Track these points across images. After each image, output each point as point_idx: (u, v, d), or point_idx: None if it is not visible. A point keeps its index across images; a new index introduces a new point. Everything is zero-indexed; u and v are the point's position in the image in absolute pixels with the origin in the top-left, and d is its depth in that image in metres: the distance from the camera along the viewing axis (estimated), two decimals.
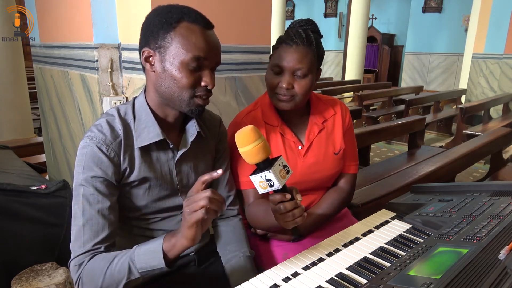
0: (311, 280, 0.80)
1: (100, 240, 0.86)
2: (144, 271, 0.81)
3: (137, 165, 0.91)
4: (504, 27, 6.07)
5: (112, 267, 0.82)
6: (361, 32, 8.10)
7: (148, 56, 0.88)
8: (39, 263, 1.63)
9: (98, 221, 0.86)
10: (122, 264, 0.82)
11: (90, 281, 0.84)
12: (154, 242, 0.82)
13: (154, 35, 0.86)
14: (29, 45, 2.15)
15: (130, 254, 0.82)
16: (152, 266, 0.81)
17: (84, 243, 0.85)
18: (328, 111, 1.22)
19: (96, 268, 0.83)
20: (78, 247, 0.86)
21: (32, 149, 2.70)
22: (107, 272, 0.82)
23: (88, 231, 0.85)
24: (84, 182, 0.86)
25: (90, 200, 0.86)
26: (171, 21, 0.85)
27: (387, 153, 4.93)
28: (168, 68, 0.86)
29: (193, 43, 0.85)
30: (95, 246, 0.86)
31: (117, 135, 0.90)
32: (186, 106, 0.89)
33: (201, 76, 0.88)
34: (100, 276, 0.82)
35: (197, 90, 0.88)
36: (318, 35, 1.11)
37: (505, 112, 5.72)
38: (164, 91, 0.89)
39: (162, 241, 0.81)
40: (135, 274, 0.81)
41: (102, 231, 0.86)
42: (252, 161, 0.81)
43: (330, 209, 1.21)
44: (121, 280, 0.82)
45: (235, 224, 1.11)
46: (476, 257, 0.72)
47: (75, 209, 0.87)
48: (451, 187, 1.23)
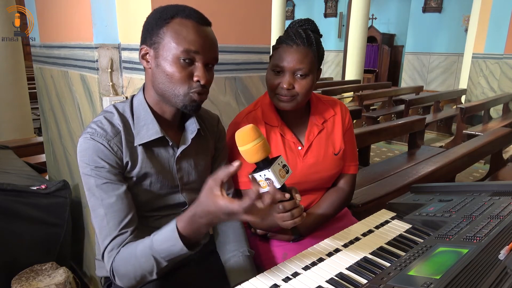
0: (311, 280, 0.80)
1: (125, 224, 0.86)
2: (170, 259, 0.80)
3: (139, 161, 0.92)
4: (504, 27, 6.07)
5: (138, 258, 0.82)
6: (361, 32, 8.10)
7: (145, 53, 0.90)
8: (39, 263, 1.63)
9: (119, 207, 0.86)
10: (146, 257, 0.81)
11: (125, 273, 0.84)
12: (167, 227, 0.80)
13: (150, 32, 0.88)
14: (29, 45, 2.15)
15: (150, 245, 0.81)
16: (176, 253, 0.79)
17: (110, 231, 0.85)
18: (328, 111, 1.22)
19: (124, 260, 0.84)
20: (105, 237, 0.86)
21: (32, 149, 2.69)
22: (137, 264, 0.82)
23: (111, 219, 0.85)
24: (93, 173, 0.86)
25: (105, 189, 0.86)
26: (165, 17, 0.86)
27: (387, 153, 4.93)
28: (161, 64, 0.86)
29: (184, 36, 0.85)
30: (121, 231, 0.85)
31: (117, 131, 0.90)
32: (181, 101, 0.89)
33: (193, 71, 0.87)
34: (130, 267, 0.83)
35: (192, 86, 0.88)
36: (318, 35, 1.12)
37: (505, 112, 5.72)
38: (159, 87, 0.89)
39: (175, 227, 0.78)
40: (162, 263, 0.81)
41: (125, 215, 0.87)
42: (252, 160, 0.81)
43: (330, 209, 1.21)
44: (152, 269, 0.81)
45: (234, 223, 1.11)
46: (476, 257, 0.72)
47: (92, 202, 0.87)
48: (451, 187, 1.23)
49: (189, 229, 0.77)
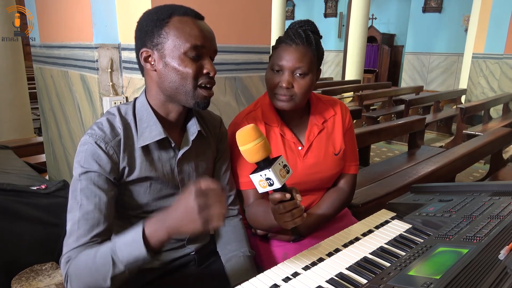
0: (311, 280, 0.80)
1: (96, 234, 0.83)
2: (127, 263, 0.76)
3: (138, 164, 0.92)
4: (504, 27, 6.07)
5: (96, 261, 0.77)
6: (361, 32, 8.10)
7: (147, 56, 0.89)
8: (39, 263, 1.63)
9: (94, 215, 0.84)
10: (105, 257, 0.77)
11: (77, 278, 0.80)
12: (133, 230, 0.77)
13: (149, 34, 0.88)
14: (29, 45, 2.15)
15: (111, 245, 0.77)
16: (134, 257, 0.75)
17: (79, 237, 0.83)
18: (328, 111, 1.22)
19: (81, 263, 0.79)
20: (72, 242, 0.83)
21: (32, 149, 2.69)
22: (93, 267, 0.77)
23: (83, 225, 0.83)
24: (82, 177, 0.86)
25: (88, 194, 0.85)
26: (163, 17, 0.87)
27: (387, 153, 4.93)
28: (170, 63, 0.87)
29: (188, 33, 0.86)
30: (91, 240, 0.83)
31: (116, 134, 0.90)
32: (192, 98, 0.90)
33: (202, 65, 0.89)
34: (85, 271, 0.78)
35: (200, 79, 0.89)
36: (318, 35, 1.12)
37: (505, 112, 5.72)
38: (168, 86, 0.89)
39: (142, 230, 0.75)
40: (119, 267, 0.76)
41: (97, 225, 0.84)
42: (253, 160, 0.81)
43: (330, 209, 1.21)
44: (106, 274, 0.76)
45: (235, 223, 1.11)
46: (476, 257, 0.72)
47: (71, 204, 0.86)
48: (451, 187, 1.23)
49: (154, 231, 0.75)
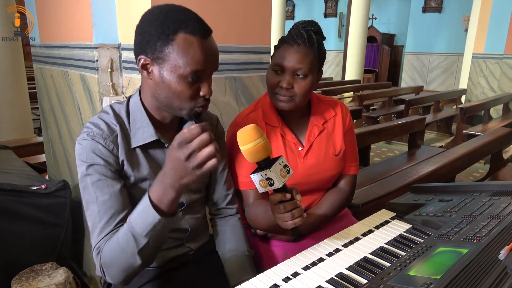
0: (311, 280, 0.80)
1: (118, 222, 0.86)
2: (146, 233, 0.78)
3: (135, 163, 0.92)
4: (504, 27, 6.07)
5: (119, 242, 0.81)
6: (361, 32, 8.10)
7: (145, 63, 0.86)
8: (39, 263, 1.63)
9: (112, 204, 0.86)
10: (125, 236, 0.80)
11: (110, 265, 0.83)
12: (141, 202, 0.80)
13: (151, 45, 0.83)
14: (29, 45, 2.15)
15: (127, 223, 0.81)
16: (150, 224, 0.78)
17: (102, 228, 0.85)
18: (329, 112, 1.22)
19: (108, 250, 0.83)
20: (97, 234, 0.86)
21: (32, 149, 2.70)
22: (118, 249, 0.81)
23: (104, 216, 0.85)
24: (89, 171, 0.87)
25: (100, 186, 0.86)
26: (168, 33, 0.82)
27: (387, 153, 4.93)
28: (167, 80, 0.84)
29: (191, 57, 0.82)
30: (114, 228, 0.85)
31: (113, 130, 0.91)
32: (186, 114, 0.89)
33: (200, 87, 0.87)
34: (114, 256, 0.82)
35: (197, 101, 0.88)
36: (321, 36, 1.11)
37: (505, 112, 5.72)
38: (163, 99, 0.88)
39: (148, 196, 0.78)
40: (141, 240, 0.79)
41: (118, 212, 0.86)
42: (253, 160, 0.81)
43: (330, 210, 1.20)
44: (133, 251, 0.80)
45: (234, 223, 1.11)
46: (476, 257, 0.72)
47: (86, 199, 0.87)
48: (451, 187, 1.23)
49: (159, 194, 0.77)
